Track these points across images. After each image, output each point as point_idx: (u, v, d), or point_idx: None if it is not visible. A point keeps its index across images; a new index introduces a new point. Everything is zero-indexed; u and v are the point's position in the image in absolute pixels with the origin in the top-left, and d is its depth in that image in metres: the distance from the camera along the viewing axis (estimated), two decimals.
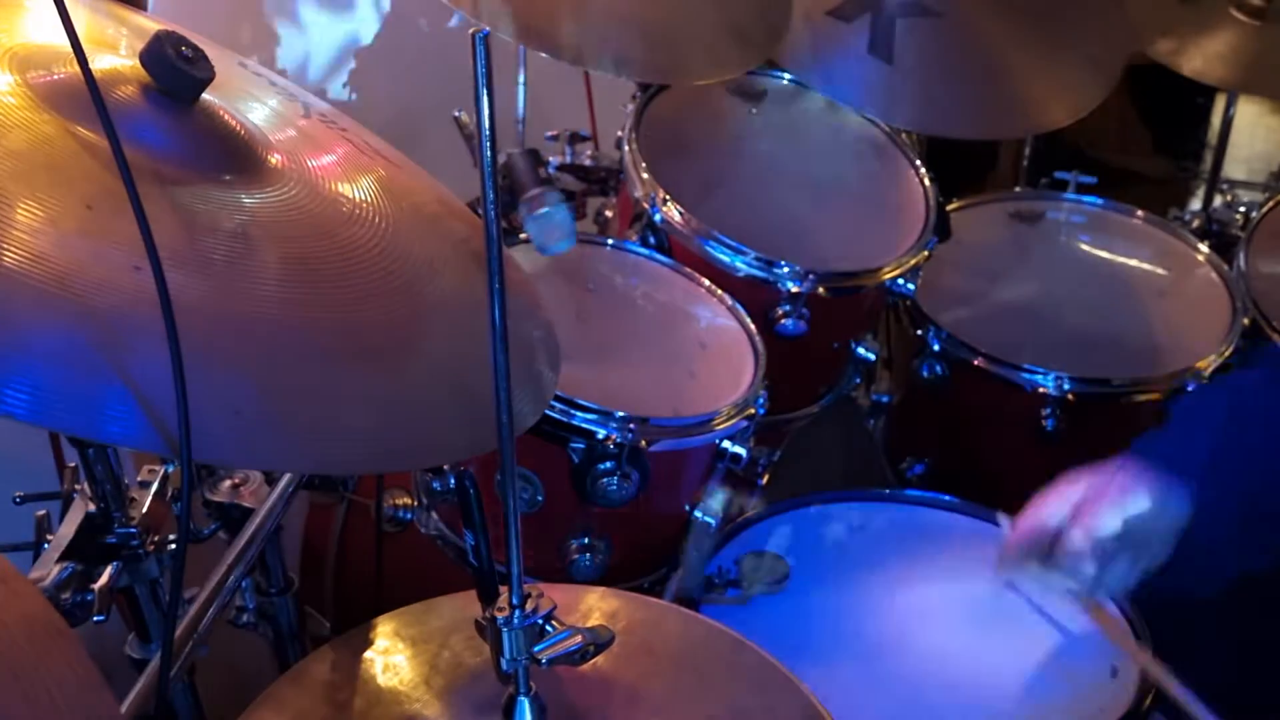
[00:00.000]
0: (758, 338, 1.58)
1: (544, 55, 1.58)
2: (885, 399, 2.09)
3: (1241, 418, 1.29)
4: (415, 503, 1.58)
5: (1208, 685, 1.21)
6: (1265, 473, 1.23)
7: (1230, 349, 1.84)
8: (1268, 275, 1.97)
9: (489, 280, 0.79)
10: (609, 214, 1.95)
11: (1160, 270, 2.04)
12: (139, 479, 1.07)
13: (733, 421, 1.47)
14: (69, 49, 0.83)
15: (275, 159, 1.02)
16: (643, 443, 1.41)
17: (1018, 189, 2.26)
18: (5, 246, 0.78)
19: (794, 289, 1.66)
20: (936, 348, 1.86)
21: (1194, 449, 1.26)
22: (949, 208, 1.90)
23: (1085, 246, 2.09)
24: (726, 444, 1.50)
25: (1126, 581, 1.24)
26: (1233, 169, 2.67)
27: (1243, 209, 2.26)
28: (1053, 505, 1.27)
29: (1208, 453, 1.25)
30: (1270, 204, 2.11)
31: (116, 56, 0.98)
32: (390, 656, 1.05)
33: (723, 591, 1.41)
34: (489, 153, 0.76)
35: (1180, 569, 1.23)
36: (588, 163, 1.98)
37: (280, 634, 1.31)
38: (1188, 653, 1.32)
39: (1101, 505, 1.23)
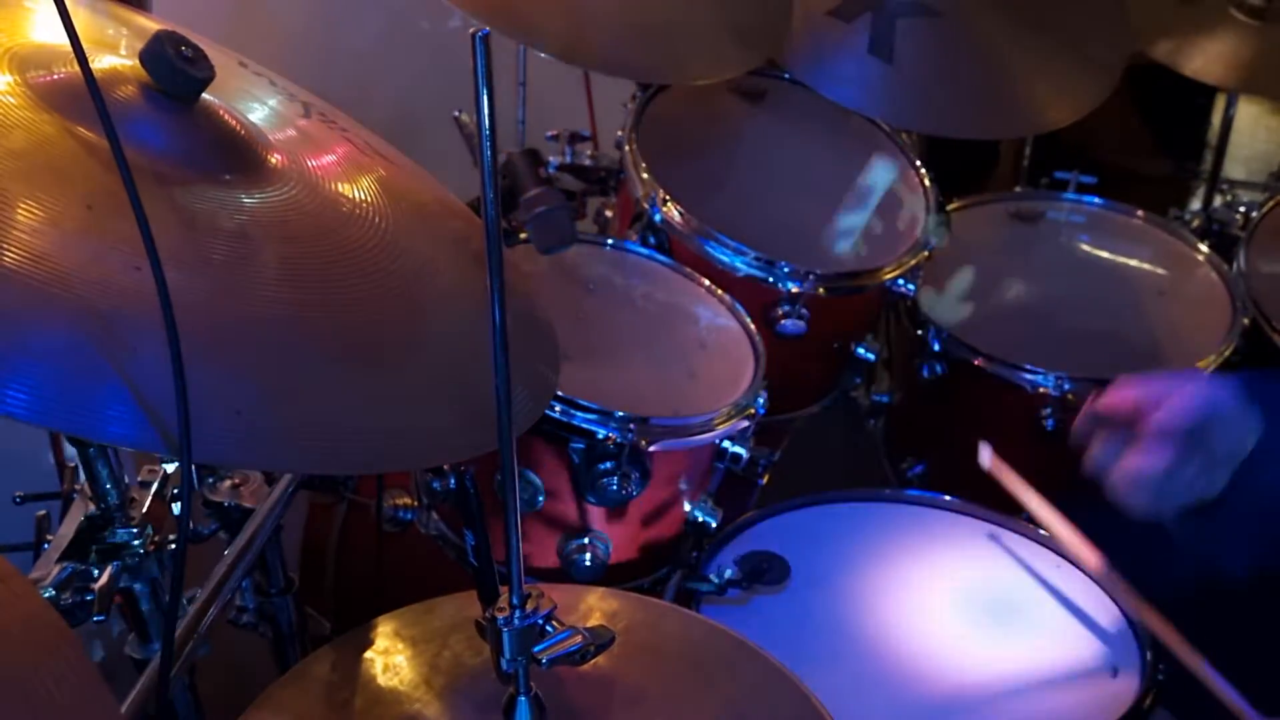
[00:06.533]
0: (758, 338, 1.58)
1: (544, 55, 1.59)
2: (885, 399, 2.09)
3: None
4: (415, 503, 1.58)
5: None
6: None
7: (1230, 349, 1.84)
8: (1268, 275, 1.97)
9: (489, 280, 0.79)
10: (609, 214, 1.95)
11: (1160, 270, 2.04)
12: (139, 479, 1.07)
13: (733, 422, 1.47)
14: (69, 49, 0.82)
15: (275, 159, 1.02)
16: (643, 443, 1.41)
17: (1018, 189, 2.26)
18: (5, 246, 0.78)
19: (794, 289, 1.66)
20: (936, 348, 1.86)
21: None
22: (949, 208, 1.90)
23: (1085, 246, 2.09)
24: (726, 444, 1.50)
25: (1193, 489, 1.17)
26: (1233, 169, 2.67)
27: (1243, 209, 2.26)
28: (1132, 389, 1.20)
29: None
30: (1270, 204, 2.11)
31: (116, 56, 0.98)
32: (390, 656, 1.05)
33: (723, 591, 1.41)
34: (489, 153, 0.76)
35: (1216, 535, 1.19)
36: (588, 163, 1.99)
37: (280, 634, 1.31)
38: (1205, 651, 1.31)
39: (1187, 394, 1.17)
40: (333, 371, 0.91)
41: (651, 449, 1.42)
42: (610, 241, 1.69)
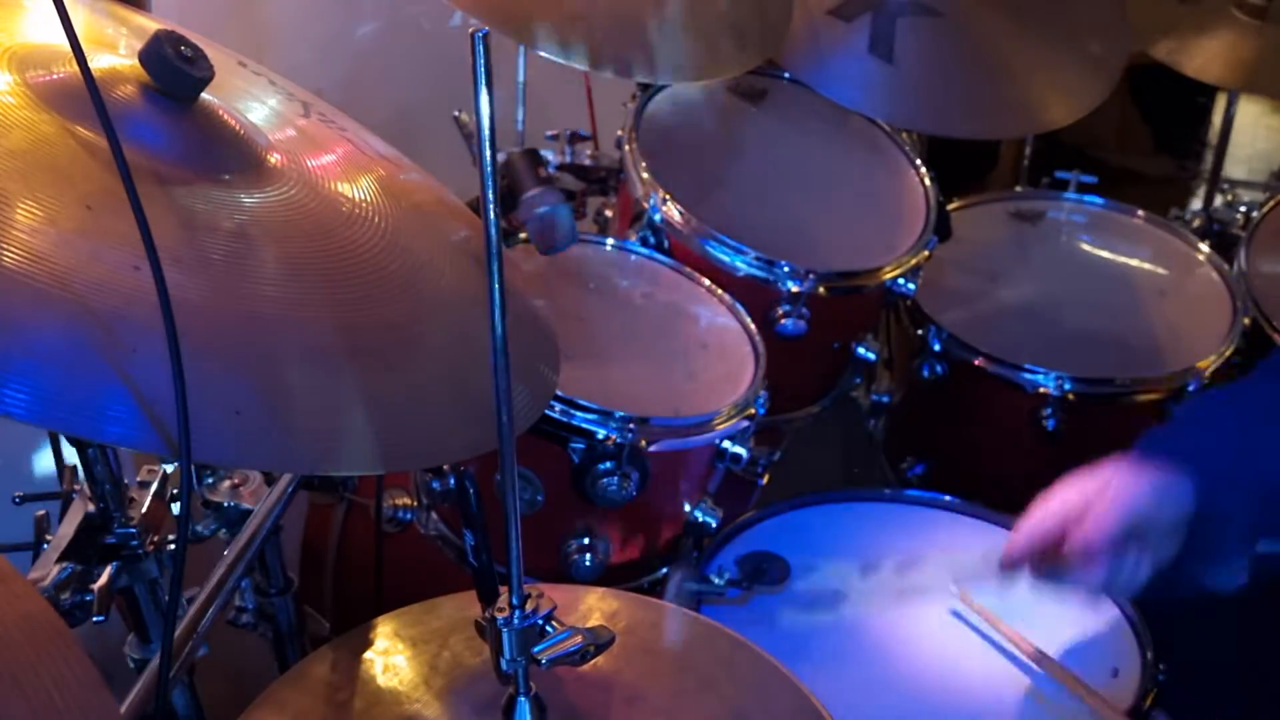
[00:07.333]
0: (758, 338, 1.58)
1: (544, 55, 1.58)
2: (885, 399, 2.09)
3: (1252, 420, 1.28)
4: (415, 503, 1.58)
5: (1211, 691, 1.21)
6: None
7: (1231, 349, 1.84)
8: (1268, 275, 1.97)
9: (489, 280, 0.79)
10: (609, 214, 1.95)
11: (1161, 270, 2.04)
12: (139, 479, 1.07)
13: (733, 421, 1.47)
14: (69, 49, 0.82)
15: (275, 159, 1.02)
16: (643, 443, 1.41)
17: (1018, 188, 2.26)
18: (5, 246, 0.78)
19: (794, 289, 1.66)
20: (937, 348, 1.86)
21: (1210, 448, 1.25)
22: (949, 207, 1.90)
23: (1086, 246, 2.09)
24: (726, 444, 1.50)
25: (1136, 579, 1.22)
26: (1233, 168, 2.67)
27: (1243, 208, 2.26)
28: (1052, 510, 1.25)
29: (1228, 454, 1.23)
30: (1271, 203, 2.11)
31: (116, 56, 0.98)
32: (390, 657, 1.05)
33: (723, 592, 1.41)
34: (489, 153, 0.76)
35: (1196, 566, 1.22)
36: (588, 162, 1.98)
37: (280, 634, 1.31)
38: (1192, 657, 1.32)
39: (1103, 507, 1.21)
40: (333, 371, 0.91)
41: (651, 449, 1.42)
42: (610, 241, 1.69)
